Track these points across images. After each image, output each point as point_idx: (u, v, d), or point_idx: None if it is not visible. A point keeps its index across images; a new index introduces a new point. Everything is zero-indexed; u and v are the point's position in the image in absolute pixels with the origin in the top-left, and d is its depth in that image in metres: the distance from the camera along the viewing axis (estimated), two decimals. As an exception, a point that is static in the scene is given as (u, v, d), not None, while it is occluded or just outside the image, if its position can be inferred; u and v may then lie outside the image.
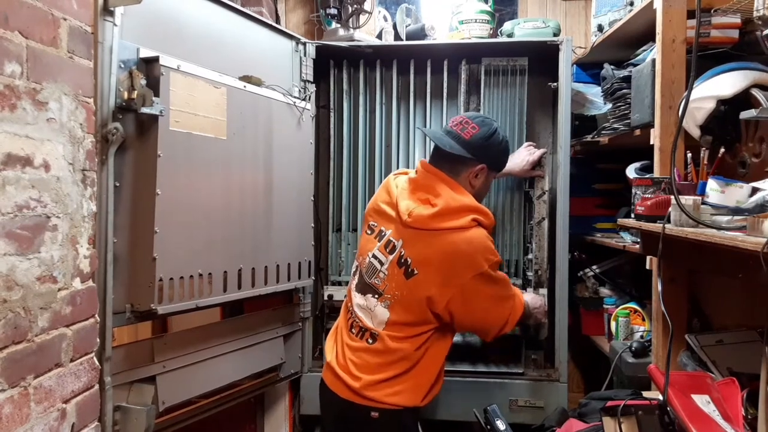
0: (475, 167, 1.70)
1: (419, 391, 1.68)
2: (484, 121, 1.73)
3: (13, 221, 1.13)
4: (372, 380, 1.64)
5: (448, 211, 1.63)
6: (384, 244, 1.71)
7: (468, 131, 1.69)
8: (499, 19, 2.61)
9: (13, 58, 1.13)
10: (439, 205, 1.63)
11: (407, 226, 1.65)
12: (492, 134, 1.71)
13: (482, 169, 1.71)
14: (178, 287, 1.65)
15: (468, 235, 1.62)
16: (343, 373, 1.69)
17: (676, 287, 1.69)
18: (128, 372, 1.61)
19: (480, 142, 1.69)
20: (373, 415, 1.64)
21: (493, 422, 1.73)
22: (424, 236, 1.63)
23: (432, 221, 1.62)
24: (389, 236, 1.70)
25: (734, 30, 1.65)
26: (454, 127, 1.72)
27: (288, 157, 2.12)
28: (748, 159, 1.44)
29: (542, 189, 2.31)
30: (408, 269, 1.64)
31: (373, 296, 1.70)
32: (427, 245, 1.63)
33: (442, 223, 1.62)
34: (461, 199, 1.66)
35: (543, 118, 2.42)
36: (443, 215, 1.62)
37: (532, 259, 2.27)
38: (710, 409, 1.36)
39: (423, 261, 1.62)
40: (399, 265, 1.65)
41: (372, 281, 1.71)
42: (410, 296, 1.64)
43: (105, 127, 1.48)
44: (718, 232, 1.19)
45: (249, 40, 2.03)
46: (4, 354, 1.10)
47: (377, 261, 1.71)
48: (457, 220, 1.62)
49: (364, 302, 1.72)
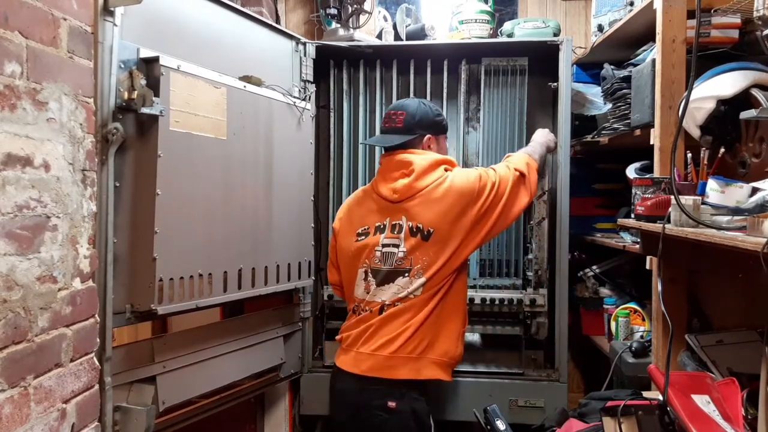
0: (422, 141, 1.85)
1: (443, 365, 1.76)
2: (403, 105, 1.90)
3: (13, 221, 1.13)
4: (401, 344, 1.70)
5: (423, 170, 1.78)
6: (389, 230, 1.80)
7: (398, 120, 1.85)
8: (499, 19, 2.61)
9: (13, 58, 1.13)
10: (415, 168, 1.77)
11: (399, 201, 1.79)
12: (416, 109, 1.86)
13: (429, 139, 1.86)
14: (178, 287, 1.65)
15: (449, 179, 1.78)
16: (369, 345, 1.73)
17: (676, 287, 1.69)
18: (128, 372, 1.61)
19: (411, 120, 1.84)
20: (390, 405, 1.67)
21: (493, 422, 1.73)
22: (418, 200, 1.77)
23: (415, 183, 1.77)
24: (390, 222, 1.81)
25: (734, 30, 1.65)
26: (385, 125, 1.89)
27: (288, 157, 2.12)
28: (748, 159, 1.44)
29: (542, 189, 2.31)
30: (423, 234, 1.76)
31: (403, 276, 1.76)
32: (424, 206, 1.76)
33: (423, 182, 1.77)
34: (425, 155, 1.81)
35: (543, 118, 2.43)
36: (421, 175, 1.77)
37: (532, 259, 2.28)
38: (710, 409, 1.36)
39: (432, 219, 1.75)
40: (413, 235, 1.76)
41: (395, 264, 1.78)
42: (440, 251, 1.74)
43: (105, 127, 1.48)
44: (718, 232, 1.19)
45: (249, 40, 2.03)
46: (4, 354, 1.10)
47: (392, 246, 1.79)
48: (433, 173, 1.78)
49: (396, 288, 1.76)
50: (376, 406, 1.69)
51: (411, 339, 1.71)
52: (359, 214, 1.89)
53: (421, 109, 1.86)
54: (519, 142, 2.29)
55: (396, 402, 1.68)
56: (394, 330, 1.72)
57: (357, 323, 1.81)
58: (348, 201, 2.01)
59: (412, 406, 1.70)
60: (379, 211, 1.84)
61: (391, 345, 1.71)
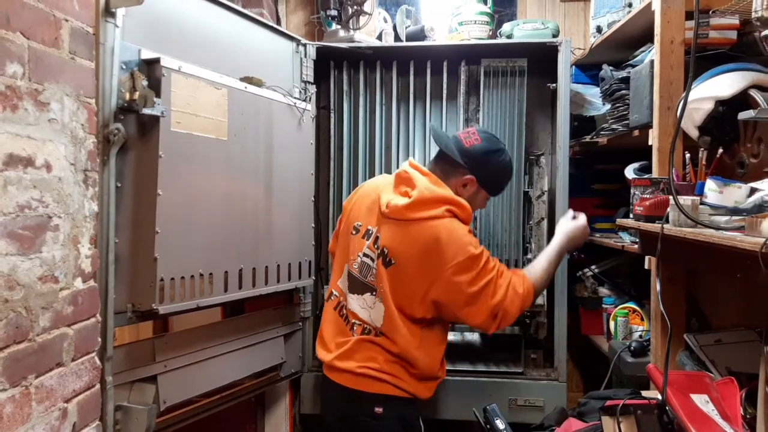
0: (464, 176, 1.70)
1: (423, 384, 1.71)
2: (491, 138, 1.74)
3: (15, 221, 1.14)
4: (378, 367, 1.66)
5: (421, 201, 1.62)
6: (372, 241, 1.72)
7: (471, 140, 1.71)
8: (498, 21, 2.61)
9: (14, 58, 1.13)
10: (414, 195, 1.63)
11: (385, 216, 1.67)
12: (494, 152, 1.71)
13: (471, 181, 1.71)
14: (179, 287, 1.66)
15: (442, 225, 1.61)
16: (348, 362, 1.69)
17: (675, 287, 1.70)
18: (129, 371, 1.61)
19: (477, 153, 1.69)
20: (377, 411, 1.65)
21: (493, 422, 1.73)
22: (399, 226, 1.64)
23: (406, 211, 1.62)
24: (375, 232, 1.72)
25: (732, 31, 1.66)
26: (461, 134, 1.75)
27: (288, 157, 2.12)
28: (747, 159, 1.44)
29: (541, 189, 2.32)
30: (385, 259, 1.66)
31: (371, 294, 1.71)
32: (402, 236, 1.63)
33: (415, 213, 1.62)
34: (436, 190, 1.64)
35: (542, 118, 2.43)
36: (417, 205, 1.62)
37: (531, 259, 2.28)
38: (709, 409, 1.37)
39: (398, 252, 1.64)
40: (379, 256, 1.67)
41: (368, 279, 1.72)
42: (394, 286, 1.65)
43: (106, 127, 1.48)
44: (717, 232, 1.20)
45: (250, 42, 2.04)
46: (5, 353, 1.11)
47: (369, 259, 1.72)
48: (430, 210, 1.61)
49: (363, 302, 1.72)
50: (364, 413, 1.67)
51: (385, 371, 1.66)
52: (364, 205, 1.79)
53: (496, 157, 1.70)
54: (518, 142, 2.30)
55: (383, 408, 1.66)
56: (369, 359, 1.67)
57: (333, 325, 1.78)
58: (367, 183, 1.91)
59: (400, 411, 1.68)
60: (374, 215, 1.74)
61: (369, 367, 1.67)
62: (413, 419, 1.72)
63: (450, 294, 1.62)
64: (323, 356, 1.77)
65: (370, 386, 1.67)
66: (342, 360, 1.71)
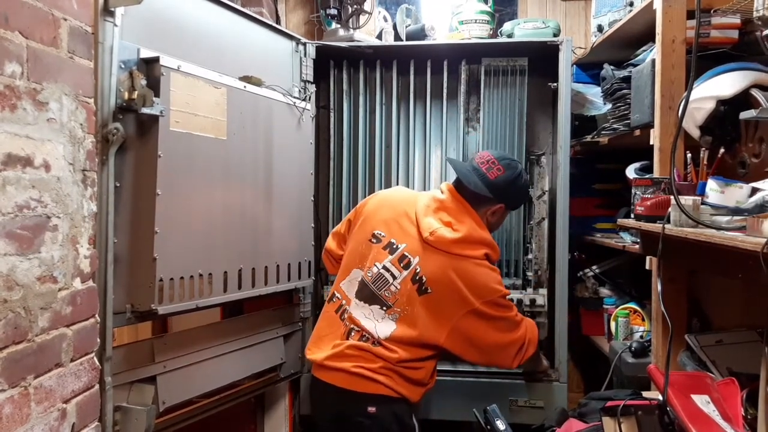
0: (494, 206, 1.78)
1: (415, 389, 1.72)
2: (510, 164, 1.78)
3: (14, 221, 1.13)
4: (374, 368, 1.67)
5: (469, 240, 1.70)
6: (398, 258, 1.73)
7: (493, 172, 1.75)
8: (498, 20, 2.61)
9: (13, 58, 1.13)
10: (462, 232, 1.70)
11: (427, 243, 1.71)
12: (517, 177, 1.78)
13: (500, 209, 1.80)
14: (179, 287, 1.65)
15: (482, 266, 1.71)
16: (342, 362, 1.69)
17: (676, 287, 1.69)
18: (128, 372, 1.61)
19: (503, 184, 1.75)
20: (370, 410, 1.65)
21: (493, 422, 1.73)
22: (442, 257, 1.69)
23: (453, 245, 1.69)
24: (403, 250, 1.73)
25: (734, 30, 1.65)
26: (481, 165, 1.77)
27: (288, 157, 2.12)
28: (748, 159, 1.44)
29: (542, 189, 2.31)
30: (422, 286, 1.70)
31: (381, 308, 1.72)
32: (444, 267, 1.69)
33: (461, 250, 1.69)
34: (481, 233, 1.74)
35: (543, 118, 2.42)
36: (464, 242, 1.70)
37: (532, 259, 2.28)
38: (710, 409, 1.36)
39: (438, 280, 1.69)
40: (413, 282, 1.70)
41: (382, 293, 1.73)
42: (420, 313, 1.69)
43: (105, 127, 1.48)
44: (718, 232, 1.19)
45: (249, 41, 2.03)
46: (4, 354, 1.10)
47: (389, 274, 1.73)
48: (474, 251, 1.71)
49: (369, 312, 1.73)
50: (357, 413, 1.67)
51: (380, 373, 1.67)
52: (389, 216, 1.80)
53: (518, 181, 1.78)
54: (519, 142, 2.30)
55: (376, 407, 1.66)
56: (364, 361, 1.68)
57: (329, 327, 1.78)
58: (389, 193, 1.94)
59: (393, 409, 1.68)
60: (403, 231, 1.75)
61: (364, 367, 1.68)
62: (407, 417, 1.72)
63: (476, 329, 1.70)
64: (314, 356, 1.76)
65: (363, 386, 1.67)
66: (335, 360, 1.70)
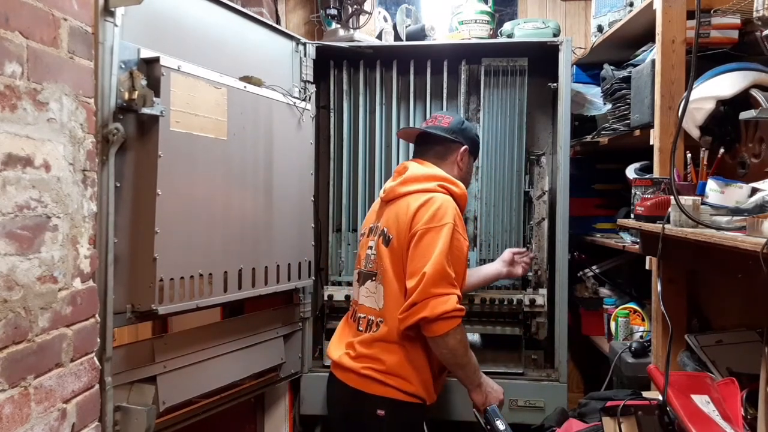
0: (459, 149, 1.84)
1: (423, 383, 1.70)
2: (452, 113, 1.93)
3: (14, 221, 1.13)
4: (384, 369, 1.67)
5: (413, 178, 1.75)
6: (376, 232, 1.81)
7: (444, 121, 1.86)
8: (499, 20, 2.61)
9: (13, 58, 1.13)
10: (405, 174, 1.76)
11: (383, 201, 1.82)
12: (463, 121, 1.89)
13: (465, 151, 1.85)
14: (179, 287, 1.65)
15: (431, 195, 1.69)
16: (353, 363, 1.72)
17: (676, 287, 1.69)
18: (129, 372, 1.61)
19: (457, 126, 1.85)
20: (380, 413, 1.66)
21: (493, 422, 1.73)
22: (395, 204, 1.75)
23: (398, 187, 1.75)
24: (377, 224, 1.83)
25: (734, 30, 1.65)
26: (429, 122, 1.89)
27: (288, 157, 2.12)
28: (748, 159, 1.44)
29: (542, 189, 2.31)
30: (386, 239, 1.75)
31: (372, 280, 1.78)
32: (396, 210, 1.73)
33: (407, 187, 1.74)
34: (428, 170, 1.78)
35: (543, 118, 2.43)
36: (409, 181, 1.75)
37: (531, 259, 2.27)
38: (710, 410, 1.36)
39: (392, 225, 1.73)
40: (383, 241, 1.76)
41: (368, 268, 1.81)
42: (393, 260, 1.70)
43: (105, 127, 1.48)
44: (718, 232, 1.19)
45: (249, 41, 2.03)
46: (4, 354, 1.10)
47: (371, 250, 1.81)
48: (423, 184, 1.72)
49: (367, 291, 1.79)
50: (366, 414, 1.68)
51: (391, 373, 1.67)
52: (369, 215, 1.94)
53: (467, 124, 1.89)
54: (518, 142, 2.29)
55: (385, 411, 1.66)
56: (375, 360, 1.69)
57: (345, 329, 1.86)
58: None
59: (402, 415, 1.68)
60: (377, 212, 1.87)
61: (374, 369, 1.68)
62: (416, 424, 1.71)
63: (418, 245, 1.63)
64: (331, 354, 1.82)
65: (373, 388, 1.68)
66: (348, 359, 1.74)
